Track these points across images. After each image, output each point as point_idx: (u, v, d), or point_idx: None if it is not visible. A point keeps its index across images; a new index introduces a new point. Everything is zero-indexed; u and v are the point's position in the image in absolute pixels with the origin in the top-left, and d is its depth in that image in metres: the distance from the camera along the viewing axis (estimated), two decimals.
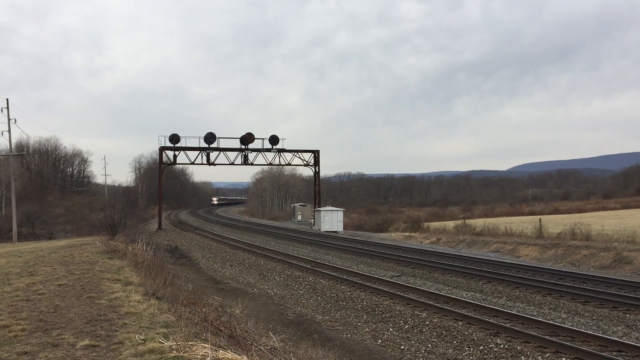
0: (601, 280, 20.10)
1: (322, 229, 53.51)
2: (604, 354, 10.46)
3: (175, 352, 6.36)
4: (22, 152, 67.23)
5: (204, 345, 6.51)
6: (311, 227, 58.62)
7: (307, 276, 21.91)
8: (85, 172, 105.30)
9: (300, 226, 63.83)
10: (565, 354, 10.64)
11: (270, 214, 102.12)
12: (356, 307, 16.23)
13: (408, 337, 12.82)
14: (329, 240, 40.19)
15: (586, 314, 14.83)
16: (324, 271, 22.75)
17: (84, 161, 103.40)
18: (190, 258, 30.11)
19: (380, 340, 12.72)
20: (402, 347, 12.06)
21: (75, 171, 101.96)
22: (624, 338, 12.07)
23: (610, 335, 12.14)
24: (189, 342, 6.70)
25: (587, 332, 12.20)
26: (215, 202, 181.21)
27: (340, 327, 14.13)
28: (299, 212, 78.16)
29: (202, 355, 6.16)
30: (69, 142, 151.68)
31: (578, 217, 50.39)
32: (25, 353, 6.59)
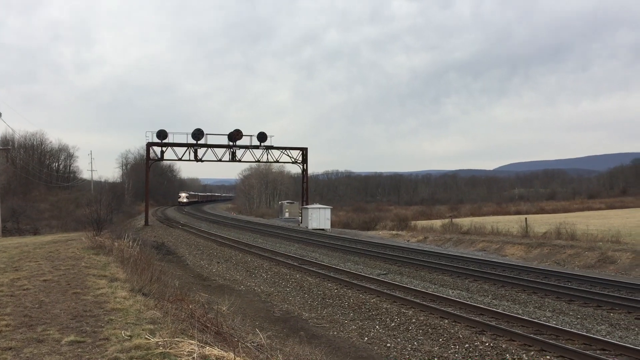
0: (586, 280, 20.31)
1: (310, 227, 53.51)
2: (587, 352, 10.57)
3: (161, 348, 6.34)
4: (7, 146, 66.49)
5: (191, 341, 6.50)
6: (298, 225, 58.60)
7: (294, 273, 21.91)
8: (71, 168, 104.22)
9: (287, 224, 63.79)
10: (550, 352, 10.75)
11: (258, 211, 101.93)
12: (343, 304, 16.27)
13: (394, 335, 12.87)
14: (316, 238, 40.20)
15: (571, 313, 14.97)
16: (311, 269, 22.77)
17: (70, 156, 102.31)
18: (177, 254, 29.98)
19: (366, 338, 12.75)
20: (389, 344, 12.10)
21: (61, 166, 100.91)
22: (608, 337, 12.20)
23: (594, 334, 12.27)
24: (176, 339, 6.68)
25: (572, 330, 12.31)
26: (185, 201, 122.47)
27: (327, 325, 14.14)
28: (287, 210, 78.10)
29: (188, 351, 6.14)
30: (55, 137, 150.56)
31: (563, 217, 50.86)
32: (10, 349, 6.54)
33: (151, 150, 56.60)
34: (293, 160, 60.69)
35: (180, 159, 56.84)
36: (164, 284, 13.12)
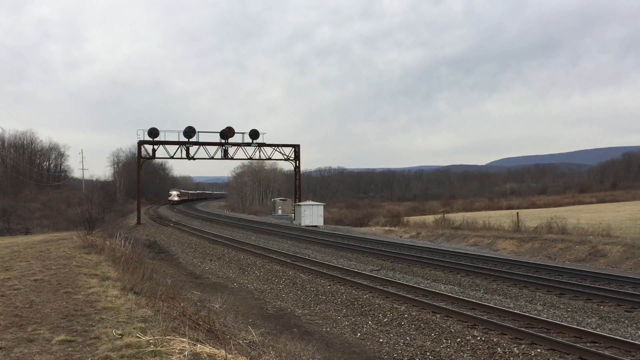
0: (576, 273, 20.44)
1: (303, 224, 53.54)
2: (578, 345, 10.65)
3: (152, 346, 6.33)
4: None
5: (182, 339, 6.49)
6: (291, 222, 58.61)
7: (287, 270, 21.92)
8: (62, 167, 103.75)
9: (280, 220, 63.77)
10: (541, 345, 10.82)
11: (251, 208, 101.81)
12: (336, 301, 16.30)
13: (387, 330, 12.91)
14: (309, 235, 40.23)
15: (561, 306, 15.07)
16: (304, 265, 22.78)
17: (60, 155, 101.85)
18: (170, 253, 29.92)
19: (359, 334, 12.79)
20: (381, 340, 12.14)
21: (52, 165, 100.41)
22: (598, 329, 12.30)
23: (584, 327, 12.37)
24: (167, 337, 6.68)
25: (562, 323, 12.40)
26: (176, 199, 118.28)
27: (320, 321, 14.17)
28: (280, 207, 78.04)
29: (179, 349, 6.14)
30: (45, 135, 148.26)
31: (554, 211, 51.12)
32: (0, 348, 6.51)
33: (143, 149, 56.36)
34: (285, 157, 60.62)
35: (172, 157, 56.60)
36: (156, 283, 13.09)
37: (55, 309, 8.73)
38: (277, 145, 59.88)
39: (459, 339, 11.66)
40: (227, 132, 56.09)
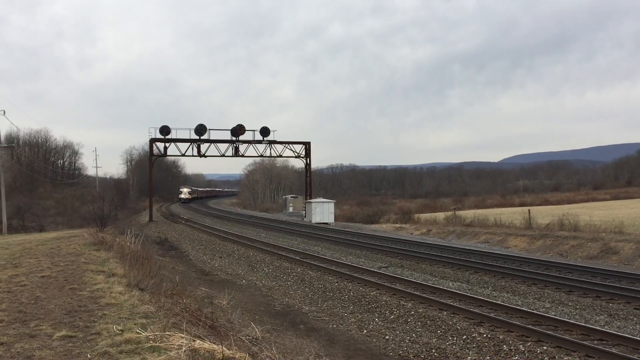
0: (587, 271, 20.25)
1: (313, 221, 53.54)
2: (585, 342, 10.55)
3: (151, 342, 6.36)
4: (11, 143, 66.53)
5: (181, 335, 6.52)
6: (302, 219, 58.63)
7: (296, 267, 21.93)
8: (76, 164, 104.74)
9: (291, 218, 63.84)
10: (547, 343, 10.72)
11: (262, 205, 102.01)
12: (343, 297, 16.28)
13: (393, 327, 12.87)
14: (319, 232, 40.23)
15: (570, 304, 14.94)
16: (313, 262, 22.77)
17: (74, 153, 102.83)
18: (180, 250, 30.07)
19: (365, 331, 12.76)
20: (387, 337, 12.11)
21: (66, 163, 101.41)
22: (606, 327, 12.17)
23: (592, 325, 12.24)
24: (167, 333, 6.70)
25: (570, 321, 12.28)
26: (187, 197, 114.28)
27: (327, 318, 14.16)
28: (291, 204, 78.11)
29: (178, 345, 6.16)
30: (59, 134, 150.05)
31: (567, 208, 50.66)
32: (1, 344, 6.57)
33: (155, 146, 56.68)
34: (296, 154, 60.62)
35: (183, 155, 56.91)
36: (162, 279, 13.16)
37: (59, 305, 8.80)
38: (288, 143, 59.90)
39: (465, 336, 11.59)
40: (238, 130, 56.23)
